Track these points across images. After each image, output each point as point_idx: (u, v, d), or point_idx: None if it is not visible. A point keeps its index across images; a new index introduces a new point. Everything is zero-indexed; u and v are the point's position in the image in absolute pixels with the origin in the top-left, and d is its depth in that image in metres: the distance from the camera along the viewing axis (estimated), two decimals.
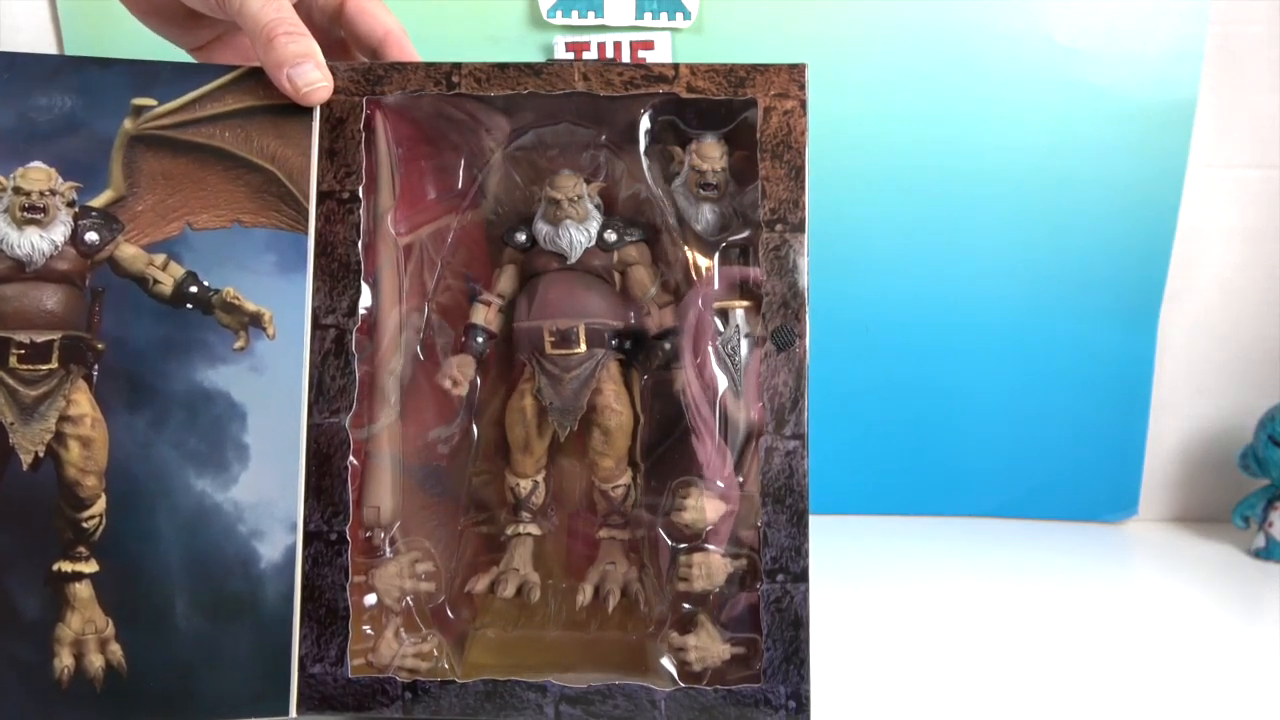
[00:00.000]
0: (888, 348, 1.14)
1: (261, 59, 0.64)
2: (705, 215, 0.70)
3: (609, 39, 1.09)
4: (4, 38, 1.07)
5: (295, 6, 0.67)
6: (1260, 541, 1.08)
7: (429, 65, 0.66)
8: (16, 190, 0.62)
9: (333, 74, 0.65)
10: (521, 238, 0.72)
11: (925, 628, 0.88)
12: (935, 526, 1.16)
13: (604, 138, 0.72)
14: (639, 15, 1.09)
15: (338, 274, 0.64)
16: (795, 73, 0.65)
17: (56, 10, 1.09)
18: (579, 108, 0.70)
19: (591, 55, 1.09)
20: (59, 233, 0.63)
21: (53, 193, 0.63)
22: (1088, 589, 0.99)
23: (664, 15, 1.09)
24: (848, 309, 1.11)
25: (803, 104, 0.65)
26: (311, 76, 0.63)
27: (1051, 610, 0.93)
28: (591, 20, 1.08)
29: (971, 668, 0.80)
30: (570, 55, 1.07)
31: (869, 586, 0.97)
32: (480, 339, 0.71)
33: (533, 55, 1.08)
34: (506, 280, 0.73)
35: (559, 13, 1.08)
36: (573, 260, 0.71)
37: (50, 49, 1.10)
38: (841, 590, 0.93)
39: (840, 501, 1.14)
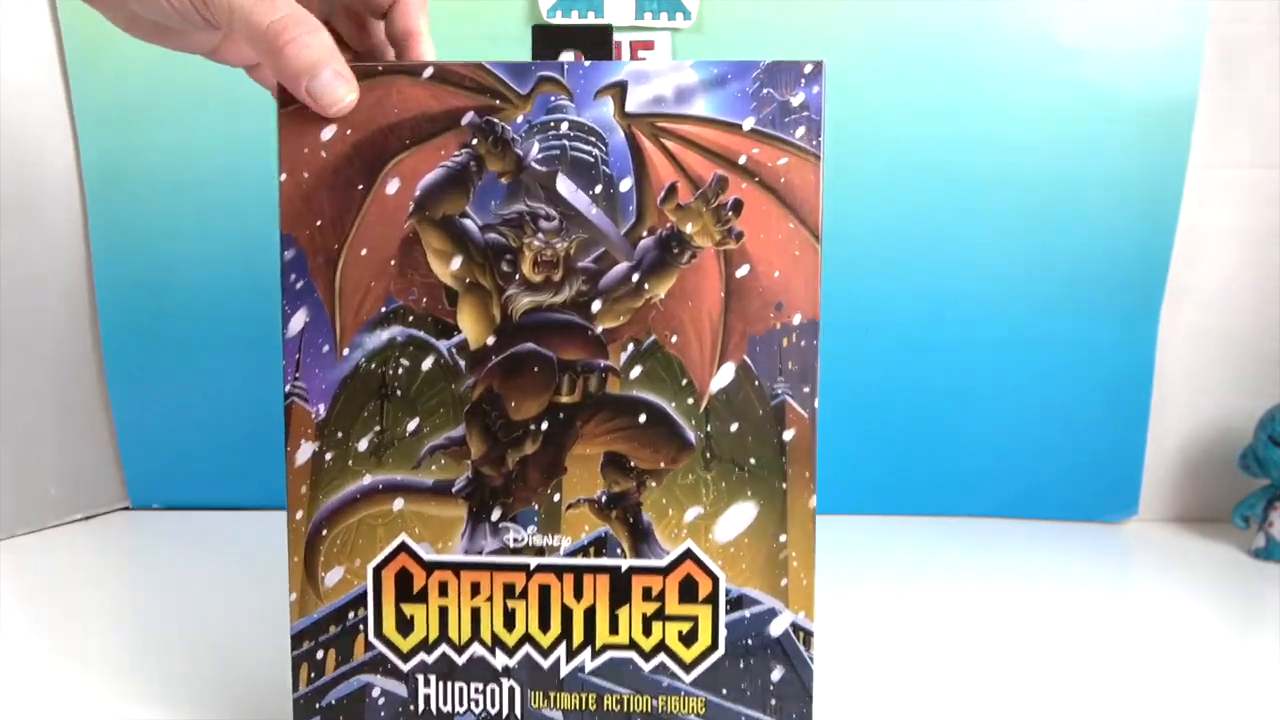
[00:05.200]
0: (887, 348, 1.14)
1: (271, 69, 0.57)
2: None
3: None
4: (4, 37, 1.07)
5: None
6: (1260, 541, 1.08)
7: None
8: None
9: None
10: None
11: (925, 628, 0.88)
12: (935, 526, 1.16)
13: None
14: (639, 15, 1.09)
15: None
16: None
17: (56, 10, 1.10)
18: None
19: None
20: None
21: None
22: (1088, 589, 0.98)
23: (664, 15, 1.09)
24: (847, 309, 1.11)
25: None
26: (336, 92, 0.56)
27: (1051, 611, 0.93)
28: (592, 20, 1.08)
29: (971, 668, 0.80)
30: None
31: (868, 587, 0.97)
32: None
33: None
34: None
35: (559, 13, 1.08)
36: None
37: (50, 49, 1.11)
38: (841, 590, 0.93)
39: (840, 501, 1.14)
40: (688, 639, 0.59)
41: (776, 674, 0.59)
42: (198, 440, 1.18)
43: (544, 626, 0.59)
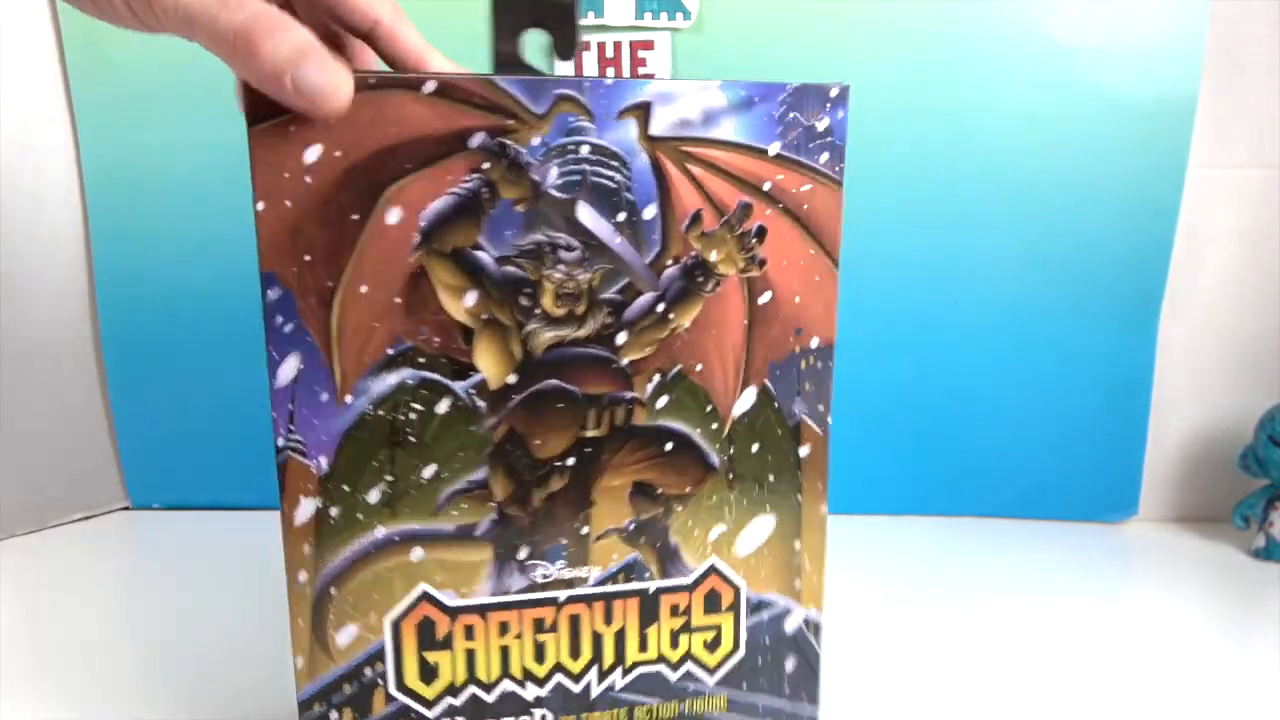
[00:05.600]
0: (887, 348, 1.14)
1: (247, 74, 0.48)
2: None
3: (609, 39, 1.09)
4: (4, 38, 1.06)
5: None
6: (1260, 541, 1.09)
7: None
8: None
9: None
10: None
11: (924, 628, 0.89)
12: (935, 526, 1.16)
13: None
14: (639, 15, 1.09)
15: None
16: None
17: (56, 10, 1.09)
18: None
19: (591, 55, 1.09)
20: None
21: None
22: (1087, 589, 0.99)
23: (664, 15, 1.08)
24: (847, 309, 1.11)
25: None
26: (331, 80, 0.48)
27: (1051, 611, 0.93)
28: (591, 20, 1.08)
29: (971, 669, 0.81)
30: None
31: (868, 587, 0.97)
32: None
33: (532, 55, 1.08)
34: None
35: None
36: None
37: (50, 49, 1.10)
38: (840, 590, 0.94)
39: (840, 502, 1.13)
40: (712, 645, 0.60)
41: (790, 664, 0.61)
42: (198, 440, 1.18)
43: (575, 654, 0.59)
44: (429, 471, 0.55)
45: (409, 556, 0.56)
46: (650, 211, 0.55)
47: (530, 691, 0.59)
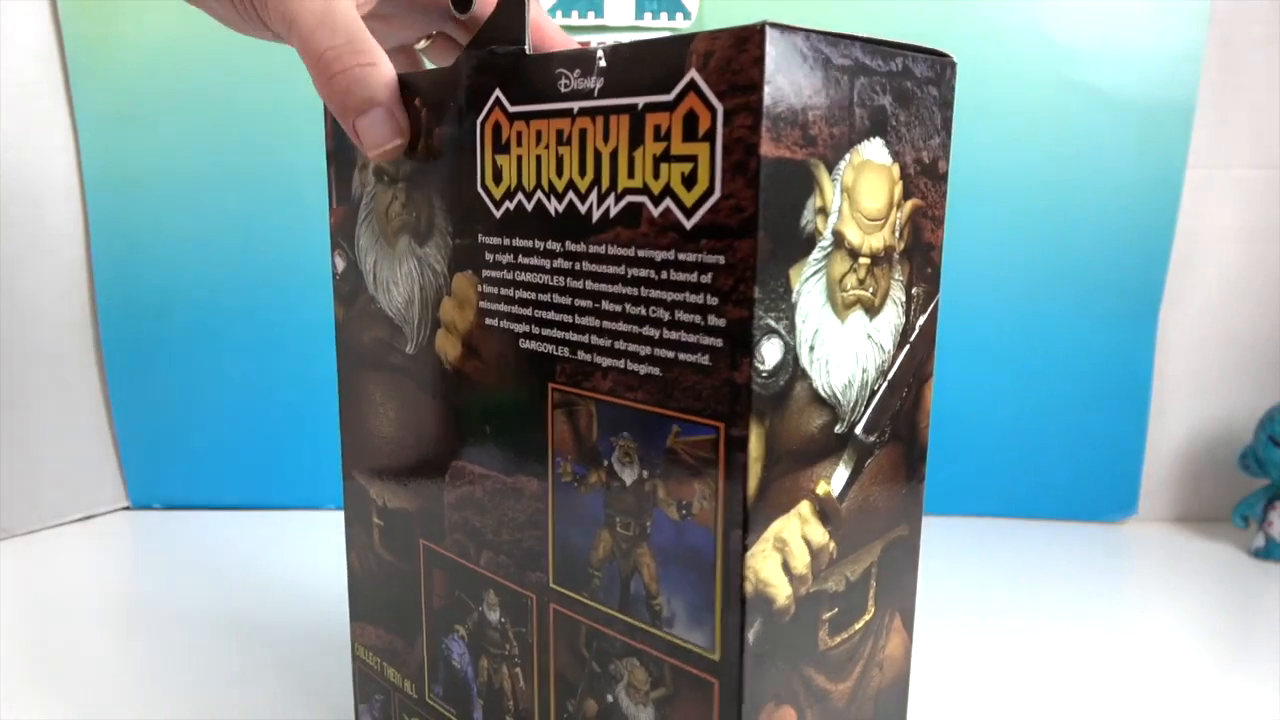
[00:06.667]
0: None
1: (318, 90, 0.51)
2: None
3: (609, 39, 1.09)
4: (4, 37, 1.06)
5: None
6: (1260, 541, 1.09)
7: None
8: None
9: None
10: None
11: (923, 628, 0.88)
12: (935, 526, 1.15)
13: None
14: (639, 15, 1.09)
15: None
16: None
17: (57, 10, 1.09)
18: None
19: None
20: None
21: None
22: (1087, 589, 0.99)
23: (664, 15, 1.09)
24: None
25: None
26: (380, 135, 0.51)
27: (1051, 611, 0.93)
28: (591, 20, 1.08)
29: (970, 668, 0.81)
30: None
31: None
32: None
33: None
34: None
35: (559, 13, 1.08)
36: None
37: (51, 49, 1.10)
38: None
39: None
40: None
41: None
42: (198, 440, 1.18)
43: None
44: None
45: None
46: None
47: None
